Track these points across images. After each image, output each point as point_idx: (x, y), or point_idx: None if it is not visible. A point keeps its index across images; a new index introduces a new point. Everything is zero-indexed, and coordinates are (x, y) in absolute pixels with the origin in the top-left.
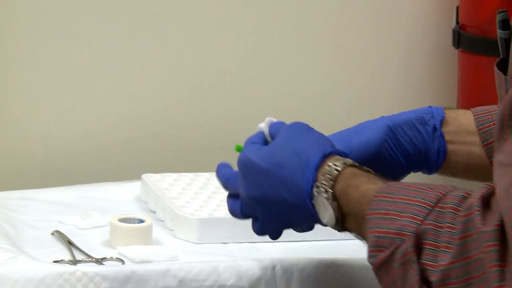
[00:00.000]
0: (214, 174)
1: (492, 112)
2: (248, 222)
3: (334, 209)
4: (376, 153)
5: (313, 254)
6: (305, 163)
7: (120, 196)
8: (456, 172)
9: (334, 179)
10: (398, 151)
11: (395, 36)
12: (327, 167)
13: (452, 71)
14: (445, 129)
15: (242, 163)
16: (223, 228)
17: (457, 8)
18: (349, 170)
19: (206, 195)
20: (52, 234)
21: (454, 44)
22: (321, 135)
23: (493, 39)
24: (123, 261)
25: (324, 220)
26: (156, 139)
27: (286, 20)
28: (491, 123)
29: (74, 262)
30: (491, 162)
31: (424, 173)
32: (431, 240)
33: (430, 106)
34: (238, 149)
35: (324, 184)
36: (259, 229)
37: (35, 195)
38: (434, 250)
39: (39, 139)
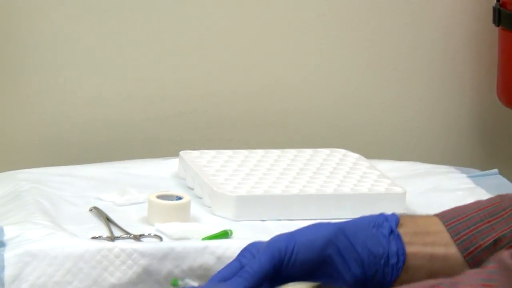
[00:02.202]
0: (253, 151)
1: (464, 219)
2: (286, 200)
3: None
4: (321, 253)
5: None
6: None
7: (158, 172)
8: (417, 280)
9: None
10: (349, 255)
11: (435, 14)
12: None
13: (492, 49)
14: (401, 231)
15: None
16: (261, 205)
17: None
18: None
19: (245, 172)
20: (90, 210)
21: (494, 22)
22: None
23: None
24: (161, 238)
25: None
26: (194, 116)
27: None
28: (467, 230)
29: (112, 238)
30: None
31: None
32: None
33: (381, 213)
34: (174, 283)
35: None
36: None
37: (73, 171)
38: None
39: (79, 116)
